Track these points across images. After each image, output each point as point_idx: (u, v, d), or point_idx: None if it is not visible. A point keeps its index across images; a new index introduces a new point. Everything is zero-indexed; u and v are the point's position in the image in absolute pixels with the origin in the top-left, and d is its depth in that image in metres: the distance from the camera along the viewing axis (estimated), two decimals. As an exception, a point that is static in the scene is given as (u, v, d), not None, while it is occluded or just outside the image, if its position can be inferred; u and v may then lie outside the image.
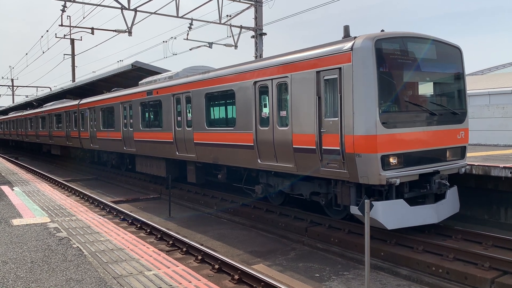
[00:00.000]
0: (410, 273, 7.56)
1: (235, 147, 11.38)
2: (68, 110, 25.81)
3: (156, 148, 15.63)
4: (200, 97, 12.86)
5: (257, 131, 10.59)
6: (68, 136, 25.79)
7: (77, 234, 8.03)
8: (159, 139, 15.28)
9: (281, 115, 9.97)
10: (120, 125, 18.56)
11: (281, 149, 9.86)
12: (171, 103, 14.41)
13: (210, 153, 12.60)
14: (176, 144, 14.26)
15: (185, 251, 8.88)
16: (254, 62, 11.08)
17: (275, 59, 10.16)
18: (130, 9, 20.11)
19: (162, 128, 15.02)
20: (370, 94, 7.94)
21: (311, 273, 7.92)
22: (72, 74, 40.62)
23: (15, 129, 42.89)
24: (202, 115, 12.80)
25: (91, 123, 22.08)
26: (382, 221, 8.03)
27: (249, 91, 10.75)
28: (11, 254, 6.74)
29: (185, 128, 13.71)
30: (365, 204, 6.13)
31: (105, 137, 20.36)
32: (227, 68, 12.02)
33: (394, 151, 8.11)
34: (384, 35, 8.33)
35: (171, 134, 14.47)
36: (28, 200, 11.98)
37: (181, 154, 14.11)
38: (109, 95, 20.23)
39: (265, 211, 11.84)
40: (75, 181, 21.26)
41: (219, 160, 12.28)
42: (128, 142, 17.94)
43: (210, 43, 23.23)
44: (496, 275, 6.82)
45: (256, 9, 22.13)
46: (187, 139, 13.58)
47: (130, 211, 12.96)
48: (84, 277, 5.67)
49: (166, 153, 15.02)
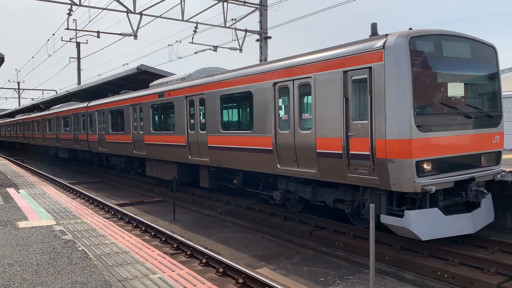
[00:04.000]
0: (415, 277, 7.53)
1: (252, 151, 10.97)
2: (76, 112, 25.51)
3: (168, 151, 15.24)
4: (214, 99, 12.48)
5: (276, 135, 10.17)
6: (76, 139, 25.47)
7: (82, 237, 8.05)
8: (171, 142, 14.91)
9: (303, 118, 9.54)
10: (130, 128, 18.20)
11: (303, 154, 9.41)
12: (184, 105, 14.05)
13: (225, 157, 12.19)
14: (189, 148, 13.90)
15: (189, 254, 8.89)
16: (274, 62, 10.52)
17: (297, 58, 9.69)
18: (136, 13, 20.20)
19: (174, 131, 14.68)
20: (404, 95, 7.48)
21: (316, 277, 7.90)
22: (77, 77, 40.90)
23: (21, 131, 42.78)
24: (217, 118, 12.40)
25: (99, 125, 21.74)
26: (416, 231, 7.54)
27: (268, 93, 10.34)
28: (17, 257, 6.77)
29: (199, 131, 13.33)
30: (370, 209, 6.12)
31: (114, 140, 20.04)
32: (244, 68, 11.58)
33: (429, 156, 7.64)
34: (418, 33, 7.85)
35: (183, 137, 14.11)
36: (34, 202, 12.04)
37: (194, 158, 13.75)
38: (119, 97, 19.86)
39: (269, 214, 11.84)
40: (80, 183, 21.34)
41: (235, 164, 11.89)
42: (138, 145, 17.60)
43: (215, 46, 23.28)
44: (502, 281, 6.78)
45: (261, 12, 22.17)
46: (201, 143, 13.20)
47: (135, 214, 12.99)
48: (90, 280, 5.69)
49: (178, 157, 14.66)
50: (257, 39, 22.58)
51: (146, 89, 17.29)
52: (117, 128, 19.77)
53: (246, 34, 22.76)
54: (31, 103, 45.64)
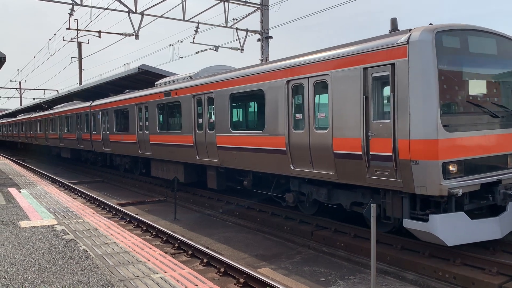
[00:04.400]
0: (416, 277, 7.52)
1: (264, 151, 10.59)
2: (79, 112, 25.09)
3: (174, 152, 14.82)
4: (224, 98, 12.07)
5: (290, 135, 9.77)
6: (79, 139, 25.08)
7: (83, 237, 8.07)
8: (178, 142, 14.50)
9: (319, 117, 9.14)
10: (135, 127, 17.75)
11: (319, 155, 9.04)
12: (191, 104, 13.64)
13: (234, 158, 11.78)
14: (196, 148, 13.50)
15: (190, 254, 8.90)
16: (287, 59, 10.09)
17: (312, 55, 9.29)
18: (137, 13, 20.22)
19: (181, 131, 14.28)
20: (430, 93, 7.12)
21: (317, 277, 7.90)
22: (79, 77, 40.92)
23: (24, 131, 42.35)
24: (226, 117, 11.99)
25: (103, 125, 21.33)
26: (441, 236, 7.19)
27: (281, 91, 9.95)
28: (19, 256, 6.79)
29: (207, 131, 12.94)
30: (371, 209, 6.12)
31: (118, 140, 19.62)
32: (255, 66, 11.21)
33: (455, 157, 7.25)
34: (444, 27, 7.46)
35: (191, 137, 13.70)
36: (35, 202, 12.06)
37: (202, 159, 13.33)
38: (123, 96, 19.48)
39: (271, 214, 11.84)
40: (82, 183, 21.37)
41: (245, 165, 11.51)
42: (143, 145, 17.17)
43: (216, 46, 23.30)
44: (504, 281, 6.77)
45: (262, 12, 22.17)
46: (209, 143, 12.80)
47: (136, 213, 13.00)
48: (91, 279, 5.70)
49: (185, 157, 14.25)
50: (258, 39, 22.59)
51: (152, 88, 16.85)
52: (122, 127, 19.35)
53: (247, 34, 22.77)
54: (33, 103, 45.28)
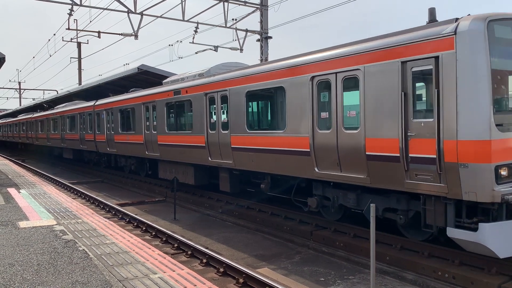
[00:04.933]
0: (416, 277, 7.52)
1: (285, 153, 9.89)
2: (82, 112, 24.39)
3: (184, 153, 14.12)
4: (239, 96, 11.33)
5: (314, 135, 9.11)
6: (82, 139, 24.44)
7: (83, 237, 8.07)
8: (188, 143, 13.80)
9: (349, 116, 8.46)
10: (141, 127, 17.03)
11: (348, 156, 8.35)
12: (203, 103, 12.92)
13: (251, 160, 11.03)
14: (208, 149, 12.79)
15: (190, 254, 8.89)
16: (311, 53, 9.41)
17: (341, 49, 8.63)
18: (136, 13, 20.21)
19: (192, 131, 13.57)
20: (481, 89, 6.45)
21: (316, 277, 7.90)
22: (78, 77, 40.92)
23: (24, 131, 41.63)
24: (242, 117, 11.29)
25: (108, 125, 20.67)
26: (493, 247, 6.51)
27: (305, 88, 9.25)
28: (18, 257, 6.78)
29: (220, 131, 12.22)
30: (371, 208, 6.12)
31: (124, 140, 18.92)
32: (275, 61, 10.53)
33: (509, 160, 6.59)
34: (497, 16, 6.75)
35: (203, 137, 12.99)
36: (35, 202, 12.06)
37: (215, 160, 12.62)
38: (129, 95, 18.73)
39: (270, 214, 11.84)
40: (81, 183, 21.36)
41: (262, 167, 10.75)
42: (150, 146, 16.48)
43: (216, 46, 23.28)
44: (503, 281, 6.76)
45: (262, 12, 22.17)
46: (223, 144, 12.08)
47: (136, 214, 13.00)
48: (90, 279, 5.70)
49: (196, 159, 13.54)
50: (257, 39, 22.58)
51: (160, 86, 16.08)
52: (128, 127, 18.63)
53: (246, 34, 22.76)
54: (34, 103, 44.42)
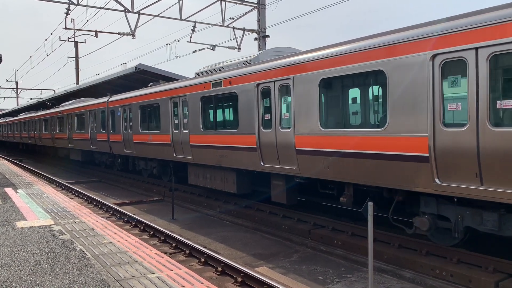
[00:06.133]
0: (414, 275, 7.53)
1: (384, 158, 7.77)
2: (93, 109, 22.15)
3: (226, 156, 12.18)
4: (309, 85, 9.27)
5: (435, 134, 6.96)
6: (93, 140, 22.31)
7: (80, 237, 8.05)
8: (232, 144, 11.89)
9: (502, 108, 6.32)
10: (168, 126, 14.98)
11: (500, 164, 6.19)
12: (254, 95, 10.92)
13: (326, 166, 8.97)
14: (260, 151, 10.79)
15: (188, 254, 8.88)
16: (429, 24, 7.12)
17: (484, 14, 6.34)
18: (134, 12, 20.17)
19: (238, 130, 11.57)
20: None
21: (314, 276, 7.90)
22: (76, 77, 40.89)
23: (26, 131, 39.11)
24: (313, 111, 9.21)
25: (125, 124, 18.59)
26: None
27: (419, 72, 7.13)
28: (15, 257, 6.76)
29: (279, 130, 10.21)
30: (369, 207, 6.11)
31: (145, 141, 16.87)
32: (364, 39, 8.16)
33: None
34: None
35: (252, 137, 11.00)
36: (32, 202, 12.03)
37: (269, 165, 10.59)
38: (152, 89, 16.60)
39: (268, 213, 11.84)
40: (79, 183, 21.33)
41: (345, 176, 8.62)
42: (179, 147, 14.54)
43: (213, 45, 23.27)
44: (501, 278, 6.79)
45: (259, 11, 22.16)
46: (283, 145, 10.08)
47: (134, 213, 12.98)
48: (87, 279, 5.68)
49: (242, 163, 11.50)
50: (255, 38, 22.57)
51: (192, 78, 14.12)
52: (150, 126, 16.64)
53: (244, 33, 22.74)
54: (37, 100, 41.65)
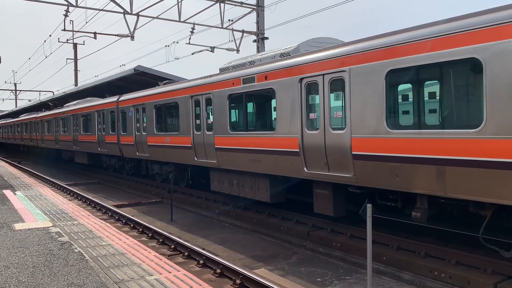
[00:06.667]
0: (412, 277, 7.53)
1: (478, 165, 6.44)
2: (101, 109, 21.06)
3: (259, 160, 10.89)
4: (372, 78, 7.93)
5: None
6: (101, 142, 21.22)
7: (78, 239, 8.04)
8: (267, 147, 10.59)
9: None
10: (189, 127, 13.88)
11: None
12: (295, 92, 9.65)
13: (393, 173, 7.70)
14: (303, 156, 9.49)
15: (187, 256, 8.87)
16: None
17: None
18: (133, 14, 20.18)
19: (275, 131, 10.29)
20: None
21: (313, 278, 7.89)
22: (74, 79, 40.89)
23: (28, 133, 37.88)
24: (378, 110, 7.88)
25: (137, 125, 17.49)
26: None
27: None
28: (13, 259, 6.75)
29: (329, 131, 8.89)
30: (367, 209, 6.12)
31: (161, 143, 15.67)
32: (457, 19, 6.76)
33: None
34: None
35: (294, 140, 9.70)
36: (30, 204, 12.01)
37: (315, 172, 9.27)
38: (169, 87, 15.35)
39: (267, 215, 11.83)
40: (77, 185, 21.30)
41: (420, 186, 7.30)
42: (201, 150, 13.27)
43: (212, 47, 23.30)
44: (499, 280, 6.79)
45: (258, 13, 22.18)
46: (334, 149, 8.79)
47: (132, 215, 12.97)
48: (86, 282, 5.67)
49: (280, 169, 10.23)
50: (254, 39, 22.60)
51: (217, 74, 12.90)
52: (167, 127, 15.54)
53: (243, 35, 22.78)
54: (40, 101, 39.92)
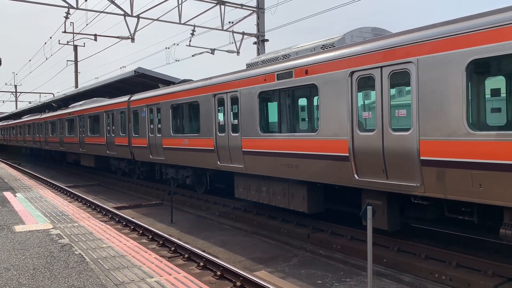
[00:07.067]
0: (413, 280, 7.53)
1: None
2: (110, 109, 20.12)
3: (296, 165, 9.70)
4: (447, 70, 6.78)
5: None
6: (110, 144, 20.21)
7: (79, 241, 8.04)
8: (307, 150, 9.41)
9: None
10: (211, 128, 12.68)
11: None
12: (344, 88, 8.45)
13: (476, 182, 6.51)
14: (354, 161, 8.32)
15: (187, 258, 8.87)
16: None
17: None
18: (133, 16, 20.20)
19: (318, 133, 9.14)
20: None
21: (314, 280, 7.89)
22: (75, 80, 40.94)
23: (31, 134, 36.77)
24: (454, 107, 6.74)
25: (151, 126, 16.46)
26: None
27: None
28: (14, 261, 6.75)
29: (389, 133, 7.72)
30: (367, 211, 6.12)
31: (178, 145, 14.60)
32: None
33: None
34: None
35: (343, 143, 8.54)
36: (31, 206, 12.01)
37: (369, 180, 8.11)
38: (188, 85, 14.24)
39: (267, 217, 11.83)
40: (78, 187, 21.30)
41: (510, 197, 6.15)
42: (225, 154, 12.13)
43: (213, 49, 23.32)
44: (500, 282, 6.78)
45: (258, 15, 22.21)
46: (396, 153, 7.58)
47: (132, 217, 12.97)
48: (86, 284, 5.68)
49: (323, 175, 9.10)
50: (254, 41, 22.63)
51: (244, 70, 11.65)
52: (185, 128, 14.55)
53: (243, 37, 22.79)
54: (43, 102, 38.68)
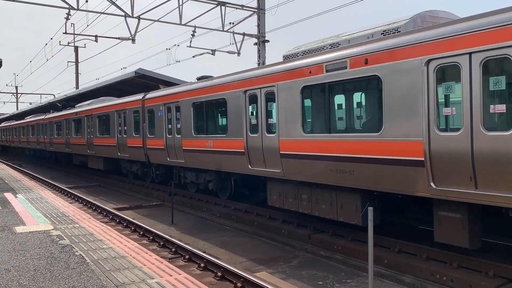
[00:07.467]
0: (414, 280, 7.51)
1: None
2: (122, 109, 18.97)
3: (351, 171, 8.46)
4: None
5: None
6: (121, 145, 19.13)
7: (79, 242, 8.04)
8: (367, 154, 8.16)
9: None
10: (241, 128, 11.57)
11: None
12: (418, 80, 7.16)
13: None
14: (431, 167, 7.05)
15: (187, 259, 8.86)
16: None
17: None
18: (134, 17, 20.23)
19: (381, 133, 7.87)
20: None
21: (314, 281, 7.88)
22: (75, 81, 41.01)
23: (34, 135, 35.95)
24: None
25: (169, 126, 15.32)
26: None
27: None
28: (14, 262, 6.75)
29: (480, 132, 6.41)
30: (369, 212, 6.11)
31: (201, 147, 13.47)
32: None
33: None
34: None
35: (416, 145, 7.23)
36: (31, 207, 12.01)
37: (447, 188, 6.87)
38: (213, 81, 12.94)
39: (268, 218, 11.82)
40: (78, 188, 21.30)
41: None
42: (258, 156, 10.97)
43: (213, 50, 23.34)
44: (501, 283, 6.77)
45: (259, 16, 22.22)
46: (490, 157, 6.29)
47: (133, 218, 12.96)
48: (87, 285, 5.67)
49: (387, 183, 7.84)
50: (255, 42, 22.64)
51: (281, 63, 10.37)
52: (209, 129, 13.44)
53: (244, 38, 22.81)
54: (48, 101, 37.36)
